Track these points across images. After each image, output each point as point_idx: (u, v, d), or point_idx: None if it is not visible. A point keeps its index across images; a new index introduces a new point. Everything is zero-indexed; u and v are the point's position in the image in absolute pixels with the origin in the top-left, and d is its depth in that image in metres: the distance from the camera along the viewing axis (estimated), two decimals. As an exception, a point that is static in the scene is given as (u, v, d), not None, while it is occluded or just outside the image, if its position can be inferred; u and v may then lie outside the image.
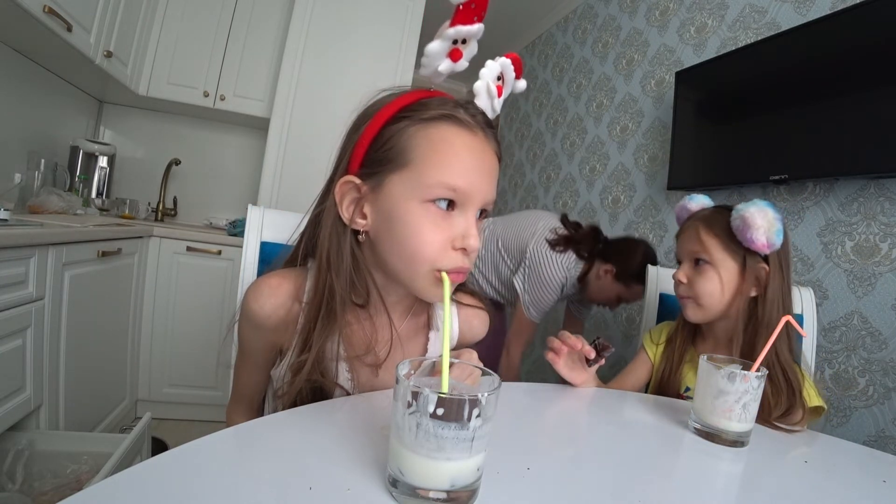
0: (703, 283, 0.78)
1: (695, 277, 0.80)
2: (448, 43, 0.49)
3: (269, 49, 2.16)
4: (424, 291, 0.50)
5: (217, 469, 0.36)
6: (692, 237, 0.81)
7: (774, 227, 0.71)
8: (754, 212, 0.72)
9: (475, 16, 0.48)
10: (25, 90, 1.65)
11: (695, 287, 0.79)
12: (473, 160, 0.49)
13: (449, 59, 0.51)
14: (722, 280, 0.77)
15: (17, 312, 1.05)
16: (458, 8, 0.47)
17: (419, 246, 0.47)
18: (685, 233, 0.84)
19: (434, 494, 0.33)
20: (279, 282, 0.55)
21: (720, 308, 0.78)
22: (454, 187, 0.47)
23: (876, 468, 0.56)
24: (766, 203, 0.73)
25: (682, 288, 0.82)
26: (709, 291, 0.78)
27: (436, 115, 0.48)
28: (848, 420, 1.17)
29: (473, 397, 0.32)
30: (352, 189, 0.50)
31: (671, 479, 0.48)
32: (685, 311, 0.82)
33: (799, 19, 1.38)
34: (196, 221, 2.38)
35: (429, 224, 0.47)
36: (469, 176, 0.48)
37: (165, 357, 1.84)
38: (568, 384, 0.73)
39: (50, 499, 0.98)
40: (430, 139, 0.48)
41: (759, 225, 0.71)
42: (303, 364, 0.51)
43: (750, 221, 0.72)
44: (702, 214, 0.83)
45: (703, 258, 0.79)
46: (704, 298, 0.78)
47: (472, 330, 0.65)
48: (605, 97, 2.27)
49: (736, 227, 0.74)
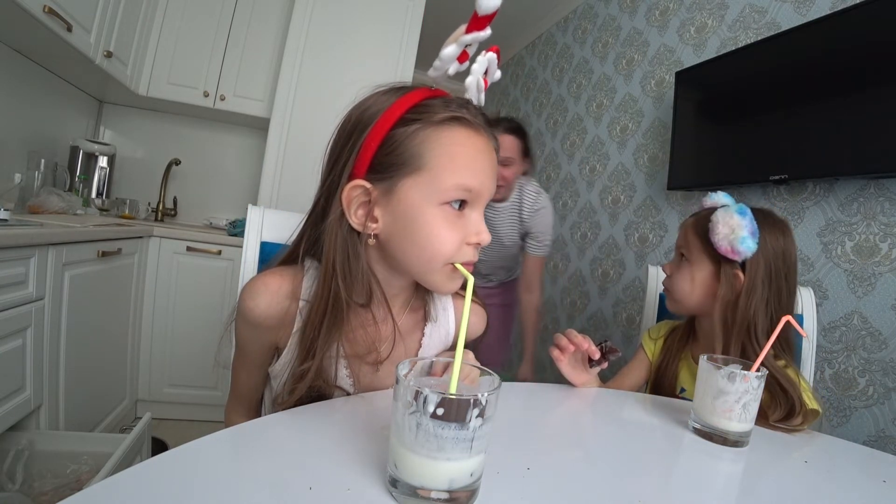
0: (677, 279, 0.83)
1: (675, 272, 0.84)
2: (461, 47, 0.52)
3: (269, 49, 2.16)
4: (440, 285, 0.52)
5: (217, 469, 0.36)
6: (682, 234, 0.84)
7: (736, 234, 0.71)
8: (720, 216, 0.74)
9: (488, 22, 0.51)
10: (25, 90, 1.65)
11: (672, 280, 0.84)
12: (483, 161, 0.51)
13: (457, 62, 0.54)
14: (694, 279, 0.80)
15: (17, 312, 1.05)
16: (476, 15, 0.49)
17: (439, 246, 0.49)
18: (681, 228, 0.87)
19: (434, 494, 0.33)
20: (275, 280, 0.55)
21: (691, 304, 0.81)
22: (469, 188, 0.49)
23: (876, 468, 0.56)
24: (741, 210, 0.73)
25: (665, 280, 0.87)
26: (680, 287, 0.82)
27: (446, 117, 0.49)
28: (848, 420, 1.17)
29: (474, 397, 0.32)
30: (361, 193, 0.50)
31: (671, 479, 0.48)
32: (666, 303, 0.87)
33: (799, 19, 1.38)
34: (196, 221, 2.38)
35: (446, 224, 0.49)
36: (480, 176, 0.50)
37: (165, 357, 1.84)
38: (568, 384, 0.73)
39: (50, 499, 0.98)
40: (442, 143, 0.48)
41: (719, 231, 0.73)
42: (306, 372, 0.51)
43: (713, 226, 0.74)
44: (699, 214, 0.84)
45: (685, 256, 0.82)
46: (676, 293, 0.83)
47: (471, 326, 0.65)
48: (605, 97, 2.27)
49: (708, 230, 0.76)
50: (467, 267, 0.50)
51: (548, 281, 2.50)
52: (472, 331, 0.66)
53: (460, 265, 0.49)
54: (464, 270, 0.48)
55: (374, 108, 0.50)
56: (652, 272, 1.11)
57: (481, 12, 0.48)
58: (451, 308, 0.64)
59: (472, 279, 0.45)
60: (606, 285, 2.08)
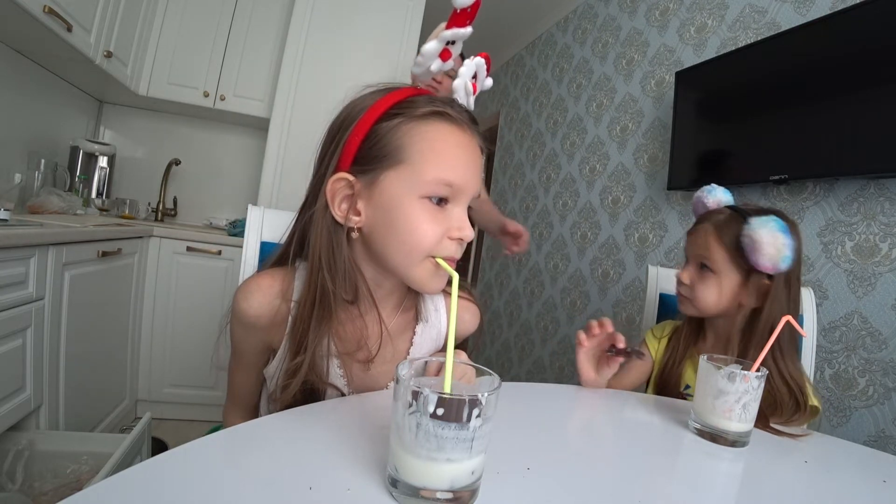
0: (703, 289, 0.79)
1: (697, 281, 0.80)
2: (442, 44, 0.52)
3: (269, 49, 2.16)
4: (422, 282, 0.51)
5: (217, 469, 0.36)
6: (702, 242, 0.80)
7: (782, 254, 0.69)
8: (764, 236, 0.69)
9: (468, 19, 0.51)
10: (25, 90, 1.65)
11: (695, 290, 0.80)
12: (465, 157, 0.51)
13: (440, 59, 0.54)
14: (722, 290, 0.78)
15: (17, 312, 1.05)
16: (455, 11, 0.49)
17: (419, 238, 0.49)
18: (696, 234, 0.83)
19: (434, 495, 0.33)
20: (267, 281, 0.55)
21: (714, 312, 0.80)
22: (450, 183, 0.49)
23: (876, 468, 0.56)
24: (780, 225, 0.70)
25: (683, 288, 0.83)
26: (706, 297, 0.79)
27: (428, 112, 0.49)
28: (848, 420, 1.17)
29: (473, 397, 0.31)
30: (344, 186, 0.51)
31: (671, 479, 0.47)
32: (680, 306, 0.84)
33: (799, 19, 1.38)
34: (196, 221, 2.38)
35: (426, 217, 0.49)
36: (461, 171, 0.50)
37: (165, 357, 1.84)
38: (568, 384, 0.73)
39: (50, 499, 0.98)
40: (424, 137, 0.49)
41: (766, 252, 0.70)
42: (299, 366, 0.52)
43: (759, 246, 0.70)
44: (716, 220, 0.80)
45: (708, 265, 0.79)
46: (700, 303, 0.80)
47: (464, 324, 0.65)
48: (605, 97, 2.27)
49: (744, 245, 0.72)
50: (450, 263, 0.50)
51: (548, 281, 2.51)
52: (466, 328, 0.65)
53: (442, 261, 0.49)
54: (446, 266, 0.48)
55: (360, 104, 0.52)
56: (652, 272, 1.11)
57: (458, 6, 0.49)
58: (442, 308, 0.64)
59: (457, 276, 0.45)
60: (606, 285, 2.08)
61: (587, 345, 0.72)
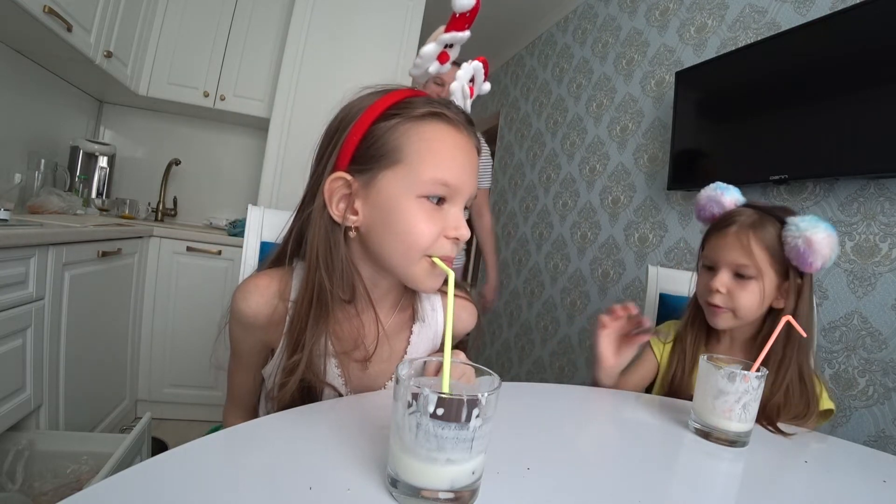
0: (745, 297, 0.73)
1: (735, 289, 0.73)
2: (441, 46, 0.54)
3: (269, 49, 2.16)
4: (420, 281, 0.52)
5: (217, 469, 0.36)
6: (737, 247, 0.73)
7: (835, 252, 0.67)
8: (823, 239, 0.66)
9: (467, 23, 0.52)
10: (25, 90, 1.65)
11: (735, 299, 0.73)
12: (462, 157, 0.51)
13: (437, 62, 0.55)
14: (764, 294, 0.72)
15: (17, 312, 1.05)
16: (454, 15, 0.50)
17: (416, 237, 0.49)
18: (725, 237, 0.75)
19: (435, 495, 0.33)
20: (264, 281, 0.55)
21: (753, 319, 0.75)
22: (446, 183, 0.49)
23: (876, 468, 0.56)
24: (829, 226, 0.68)
25: (719, 298, 0.75)
26: (749, 304, 0.73)
27: (426, 112, 0.50)
28: (848, 420, 1.17)
29: (473, 397, 0.31)
30: (342, 185, 0.51)
31: (671, 479, 0.47)
32: (715, 319, 0.76)
33: (799, 19, 1.38)
34: (196, 221, 2.38)
35: (423, 216, 0.49)
36: (458, 172, 0.50)
37: (165, 357, 1.84)
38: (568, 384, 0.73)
39: (50, 499, 0.98)
40: (422, 137, 0.49)
41: (823, 253, 0.66)
42: (296, 364, 0.52)
43: (817, 248, 0.66)
44: (748, 222, 0.74)
45: (748, 272, 0.72)
46: (743, 311, 0.73)
47: (461, 322, 0.65)
48: (605, 97, 2.27)
49: (794, 246, 0.68)
50: (447, 262, 0.50)
51: (548, 281, 2.51)
52: (463, 327, 0.65)
53: (439, 260, 0.49)
54: (443, 265, 0.49)
55: (358, 105, 0.52)
56: (652, 272, 1.11)
57: (457, 10, 0.50)
58: (439, 308, 0.64)
59: (453, 274, 0.45)
60: (606, 285, 2.08)
61: (610, 327, 0.72)
